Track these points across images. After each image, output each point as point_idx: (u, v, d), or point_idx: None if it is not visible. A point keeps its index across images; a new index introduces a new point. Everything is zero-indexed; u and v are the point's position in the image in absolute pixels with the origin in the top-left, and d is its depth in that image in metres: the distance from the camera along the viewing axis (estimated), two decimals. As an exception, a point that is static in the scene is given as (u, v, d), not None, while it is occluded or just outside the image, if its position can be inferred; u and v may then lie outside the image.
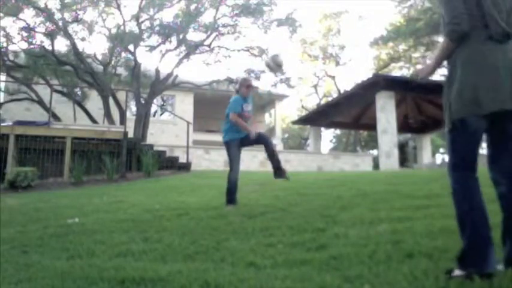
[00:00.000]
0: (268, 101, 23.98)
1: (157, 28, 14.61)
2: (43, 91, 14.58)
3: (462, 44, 2.04)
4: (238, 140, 4.98)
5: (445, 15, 2.07)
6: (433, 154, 26.74)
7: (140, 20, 14.64)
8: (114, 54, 14.94)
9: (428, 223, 3.15)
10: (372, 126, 14.38)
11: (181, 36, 14.72)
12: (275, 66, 4.94)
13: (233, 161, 4.95)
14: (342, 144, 33.98)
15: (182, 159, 12.06)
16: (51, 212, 5.30)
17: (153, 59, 36.79)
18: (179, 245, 3.20)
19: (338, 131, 34.24)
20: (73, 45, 14.17)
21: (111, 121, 14.43)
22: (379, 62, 29.30)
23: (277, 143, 24.65)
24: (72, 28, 14.53)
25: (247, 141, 4.98)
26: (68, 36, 14.02)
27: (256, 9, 14.94)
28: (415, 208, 3.83)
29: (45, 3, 13.68)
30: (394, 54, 27.72)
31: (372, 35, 40.30)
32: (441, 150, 34.89)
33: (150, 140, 14.93)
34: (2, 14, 13.31)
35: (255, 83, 5.19)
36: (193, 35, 15.43)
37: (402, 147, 23.19)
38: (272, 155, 4.99)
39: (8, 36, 14.05)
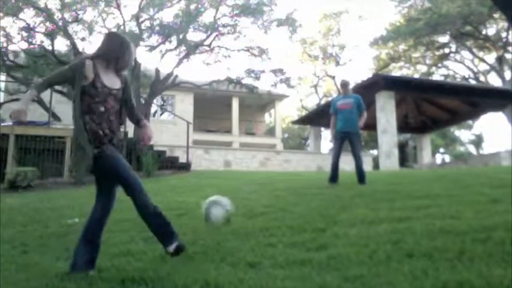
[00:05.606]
0: (268, 101, 24.01)
1: (157, 28, 14.60)
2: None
3: None
4: (339, 133, 6.49)
5: None
6: (433, 154, 26.74)
7: (140, 20, 14.63)
8: (114, 54, 14.90)
9: (428, 223, 3.15)
10: (371, 126, 14.33)
11: (181, 36, 14.71)
12: None
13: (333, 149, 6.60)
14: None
15: (182, 159, 12.06)
16: (51, 212, 5.30)
17: (153, 59, 36.80)
18: (179, 245, 3.19)
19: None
20: (73, 45, 14.14)
21: (111, 121, 14.40)
22: (379, 61, 29.28)
23: (277, 143, 24.67)
24: (72, 28, 14.49)
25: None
26: (68, 36, 14.00)
27: (256, 9, 14.92)
28: (415, 208, 3.82)
29: (45, 3, 13.67)
30: (394, 54, 27.69)
31: (372, 35, 40.39)
32: (441, 150, 34.90)
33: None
34: (2, 14, 13.29)
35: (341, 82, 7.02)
36: (193, 35, 15.43)
37: (402, 147, 23.16)
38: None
39: (8, 36, 14.03)
